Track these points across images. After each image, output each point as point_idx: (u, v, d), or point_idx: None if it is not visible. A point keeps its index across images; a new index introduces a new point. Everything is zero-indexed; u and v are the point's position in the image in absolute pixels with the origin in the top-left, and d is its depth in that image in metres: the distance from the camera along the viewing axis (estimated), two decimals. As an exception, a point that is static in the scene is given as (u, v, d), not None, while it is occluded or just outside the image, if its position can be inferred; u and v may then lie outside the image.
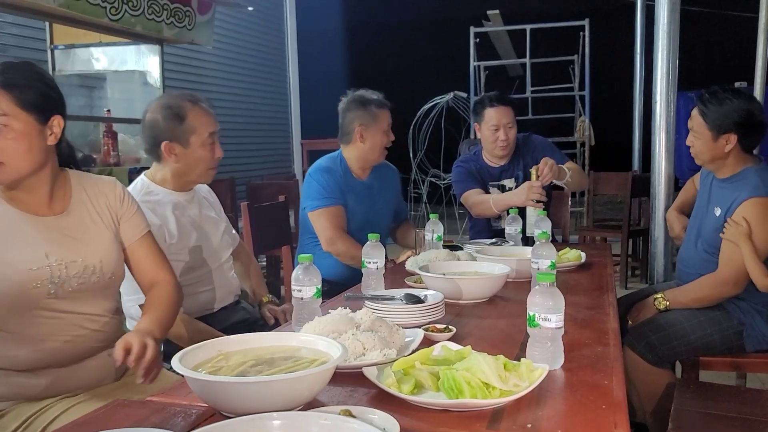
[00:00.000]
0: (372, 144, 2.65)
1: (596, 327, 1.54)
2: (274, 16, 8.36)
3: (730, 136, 2.10)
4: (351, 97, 2.70)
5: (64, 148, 1.57)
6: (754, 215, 2.00)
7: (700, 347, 2.09)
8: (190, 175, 2.02)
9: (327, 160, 2.70)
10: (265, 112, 8.07)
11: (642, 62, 7.05)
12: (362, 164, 2.71)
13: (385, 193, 2.79)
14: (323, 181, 2.60)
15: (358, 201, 2.66)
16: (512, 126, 2.95)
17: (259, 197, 4.62)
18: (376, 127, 2.64)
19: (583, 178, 3.09)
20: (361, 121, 2.64)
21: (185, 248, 1.97)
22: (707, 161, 2.20)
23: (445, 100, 7.86)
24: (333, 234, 2.54)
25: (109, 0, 3.91)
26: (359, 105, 2.66)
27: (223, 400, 1.02)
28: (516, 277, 2.00)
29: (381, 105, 2.67)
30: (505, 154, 3.00)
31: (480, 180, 3.02)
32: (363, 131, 2.64)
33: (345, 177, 2.66)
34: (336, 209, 2.58)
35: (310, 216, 2.61)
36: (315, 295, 1.49)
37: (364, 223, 2.64)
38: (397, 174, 2.96)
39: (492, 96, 3.00)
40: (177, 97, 1.99)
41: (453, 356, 1.18)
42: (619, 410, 1.05)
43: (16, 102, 1.38)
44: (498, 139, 2.93)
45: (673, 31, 3.04)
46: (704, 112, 2.14)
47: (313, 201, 2.60)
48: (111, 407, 1.13)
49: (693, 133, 2.19)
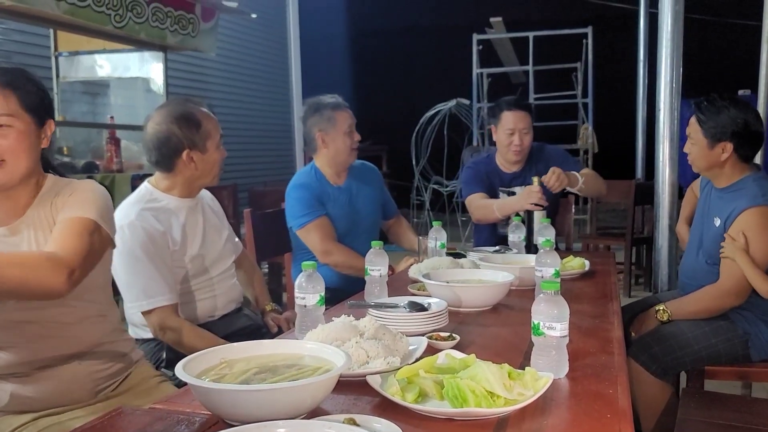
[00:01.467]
0: (335, 148, 2.66)
1: (600, 336, 1.53)
2: (277, 23, 8.40)
3: (726, 145, 2.10)
4: (306, 104, 2.72)
5: (47, 152, 1.56)
6: (753, 224, 2.00)
7: (705, 357, 2.08)
8: (203, 180, 2.02)
9: (300, 176, 2.73)
10: (267, 119, 8.09)
11: (645, 70, 7.05)
12: (334, 169, 2.72)
13: (364, 194, 2.79)
14: (301, 197, 2.62)
15: (337, 206, 2.68)
16: (528, 132, 2.93)
17: (262, 204, 4.63)
18: (335, 130, 2.65)
19: (600, 184, 3.04)
20: (319, 127, 2.65)
21: (188, 255, 1.97)
22: (704, 169, 2.20)
23: (447, 107, 7.87)
24: (327, 246, 2.57)
25: (113, 7, 3.92)
26: (314, 111, 2.67)
27: (226, 408, 1.01)
28: (519, 285, 2.00)
29: (336, 107, 2.67)
30: (518, 159, 2.98)
31: (488, 184, 3.00)
32: (323, 137, 2.65)
33: (321, 186, 2.68)
34: (322, 220, 2.60)
35: (298, 234, 2.64)
36: (318, 302, 1.48)
37: (348, 227, 2.67)
38: (377, 172, 2.95)
39: (510, 100, 3.00)
40: (183, 105, 1.99)
41: (457, 364, 1.17)
42: (624, 419, 1.05)
43: (19, 103, 1.40)
44: (512, 144, 2.92)
45: (676, 39, 3.04)
46: (701, 120, 2.14)
47: (297, 219, 2.62)
48: (114, 415, 1.13)
49: (690, 141, 2.20)
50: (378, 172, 2.96)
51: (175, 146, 1.93)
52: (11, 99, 1.39)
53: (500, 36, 8.06)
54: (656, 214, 3.21)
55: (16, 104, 1.39)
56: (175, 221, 1.96)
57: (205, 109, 2.01)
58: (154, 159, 1.98)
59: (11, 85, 1.39)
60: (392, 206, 3.02)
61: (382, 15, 11.36)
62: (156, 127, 1.95)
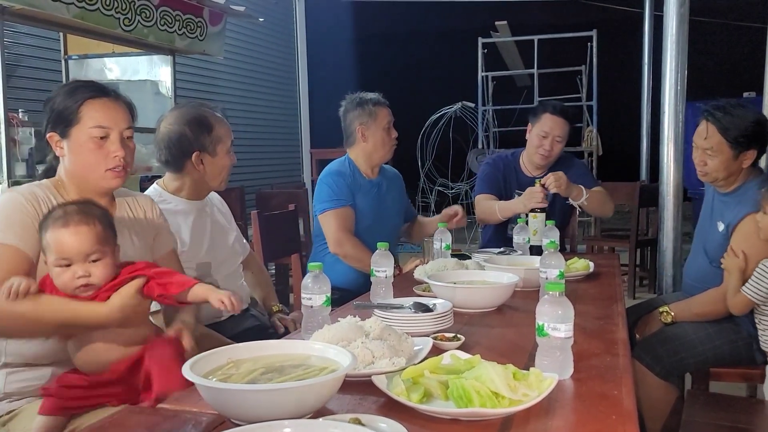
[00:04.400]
0: (374, 142, 2.68)
1: (605, 337, 1.53)
2: (284, 27, 8.43)
3: (751, 152, 2.08)
4: (348, 98, 2.74)
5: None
6: (755, 230, 1.99)
7: (710, 359, 2.08)
8: (211, 183, 2.04)
9: (337, 164, 2.74)
10: (274, 122, 8.12)
11: (650, 72, 7.04)
12: (370, 163, 2.74)
13: (392, 195, 2.82)
14: (332, 184, 2.63)
15: (367, 198, 2.69)
16: (561, 141, 2.93)
17: (269, 206, 4.64)
18: (376, 124, 2.68)
19: (607, 205, 2.96)
20: (361, 120, 2.68)
21: (196, 256, 1.98)
22: (721, 179, 2.14)
23: (453, 110, 7.89)
24: (340, 236, 2.56)
25: (122, 11, 3.95)
26: (357, 105, 2.70)
27: (233, 408, 1.02)
28: (524, 287, 2.00)
29: (378, 103, 2.71)
30: (543, 164, 2.96)
31: (501, 184, 2.99)
32: (364, 130, 2.68)
33: (354, 177, 2.69)
34: (344, 211, 2.60)
35: (319, 218, 2.65)
36: (324, 303, 1.50)
37: (373, 221, 2.67)
38: (401, 177, 2.99)
39: (555, 104, 2.99)
40: (197, 108, 2.02)
41: (462, 365, 1.18)
42: (629, 421, 1.05)
43: (130, 117, 1.62)
44: (542, 147, 2.91)
45: (681, 42, 3.04)
46: (725, 129, 2.07)
47: (322, 203, 2.63)
48: (123, 414, 1.14)
49: (709, 152, 2.11)
50: (401, 178, 2.99)
51: (185, 147, 1.95)
52: (130, 116, 1.63)
53: (505, 39, 8.06)
54: (661, 216, 3.21)
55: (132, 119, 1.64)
56: (184, 223, 1.97)
57: (218, 114, 2.03)
58: (164, 158, 2.01)
59: (129, 105, 1.63)
60: (412, 210, 3.06)
61: (388, 19, 11.36)
62: (168, 127, 1.98)
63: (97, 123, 1.53)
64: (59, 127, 1.55)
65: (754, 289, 1.91)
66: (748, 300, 1.93)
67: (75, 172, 1.57)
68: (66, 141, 1.55)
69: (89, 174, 1.56)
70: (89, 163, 1.55)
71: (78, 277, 1.38)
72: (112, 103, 1.57)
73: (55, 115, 1.55)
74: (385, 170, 2.85)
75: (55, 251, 1.38)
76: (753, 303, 1.95)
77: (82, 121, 1.53)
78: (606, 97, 8.08)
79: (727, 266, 2.01)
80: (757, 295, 1.91)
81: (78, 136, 1.53)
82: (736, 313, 2.00)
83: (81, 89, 1.56)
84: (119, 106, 1.59)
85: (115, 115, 1.57)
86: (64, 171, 1.59)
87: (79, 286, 1.39)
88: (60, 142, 1.56)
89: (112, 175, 1.57)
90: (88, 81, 1.63)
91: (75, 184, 1.58)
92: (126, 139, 1.59)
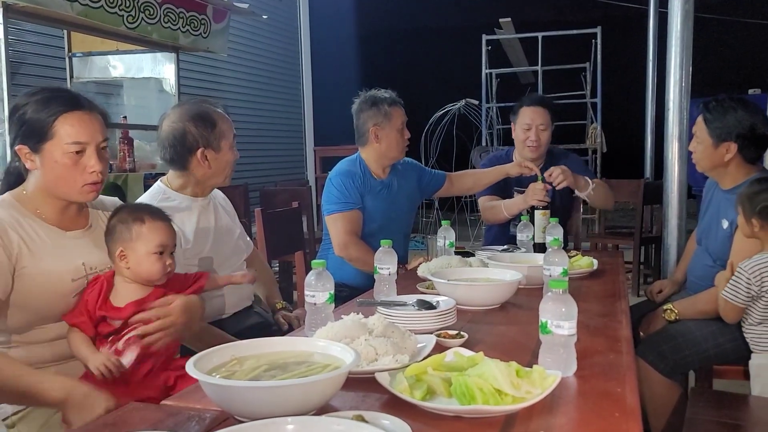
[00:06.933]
0: (388, 143, 2.64)
1: (609, 334, 1.53)
2: (288, 24, 8.43)
3: (730, 145, 2.13)
4: (363, 97, 2.69)
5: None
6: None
7: (713, 356, 2.07)
8: (215, 179, 2.04)
9: (347, 163, 2.70)
10: (278, 119, 8.12)
11: (654, 69, 7.02)
12: (381, 164, 2.70)
13: (404, 192, 2.77)
14: (342, 186, 2.60)
15: (377, 200, 2.66)
16: (545, 129, 2.91)
17: (273, 203, 4.65)
18: (390, 125, 2.63)
19: (609, 197, 3.00)
20: (375, 121, 2.63)
21: (199, 254, 1.99)
22: (707, 168, 2.23)
23: (456, 107, 7.87)
24: (346, 239, 2.54)
25: (126, 8, 3.95)
26: (371, 105, 2.65)
27: (236, 405, 1.03)
28: (527, 284, 2.00)
29: (393, 103, 2.66)
30: (534, 157, 2.93)
31: (500, 183, 2.97)
32: (377, 131, 2.63)
33: (364, 178, 2.66)
34: (352, 214, 2.58)
35: (326, 219, 2.63)
36: (328, 300, 1.50)
37: (383, 222, 2.64)
38: (414, 164, 2.90)
39: (531, 96, 3.00)
40: (199, 105, 2.01)
41: (465, 362, 1.18)
42: (632, 418, 1.05)
43: (105, 127, 1.57)
44: (528, 139, 2.90)
45: (686, 38, 3.03)
46: (707, 119, 2.17)
47: (330, 205, 2.61)
48: (126, 410, 1.15)
49: (696, 140, 2.23)
50: (414, 164, 2.91)
51: (189, 144, 1.95)
52: (103, 124, 1.58)
53: (509, 36, 8.04)
54: (665, 214, 3.20)
55: (105, 128, 1.58)
56: (188, 220, 1.98)
57: (220, 110, 2.03)
58: (168, 156, 1.99)
59: (100, 111, 1.57)
60: (437, 177, 2.95)
61: (392, 16, 11.36)
62: (172, 125, 1.97)
63: (73, 139, 1.47)
64: (31, 141, 1.47)
65: (732, 292, 1.91)
66: (732, 305, 1.93)
67: (48, 186, 1.51)
68: (38, 155, 1.48)
69: (64, 188, 1.51)
70: (65, 178, 1.49)
71: (168, 263, 1.57)
72: (87, 116, 1.50)
73: (26, 128, 1.47)
74: (396, 166, 2.78)
75: (156, 239, 1.55)
76: (739, 308, 1.93)
77: (57, 136, 1.46)
78: (610, 95, 8.06)
79: (717, 280, 2.01)
80: (736, 298, 1.90)
81: (52, 152, 1.46)
82: (729, 322, 1.99)
83: (54, 101, 1.47)
84: (94, 118, 1.52)
85: (92, 129, 1.50)
86: (35, 183, 1.52)
87: (169, 271, 1.58)
88: (31, 155, 1.48)
89: (89, 189, 1.52)
90: (61, 90, 1.54)
91: (46, 195, 1.52)
92: (101, 150, 1.53)
